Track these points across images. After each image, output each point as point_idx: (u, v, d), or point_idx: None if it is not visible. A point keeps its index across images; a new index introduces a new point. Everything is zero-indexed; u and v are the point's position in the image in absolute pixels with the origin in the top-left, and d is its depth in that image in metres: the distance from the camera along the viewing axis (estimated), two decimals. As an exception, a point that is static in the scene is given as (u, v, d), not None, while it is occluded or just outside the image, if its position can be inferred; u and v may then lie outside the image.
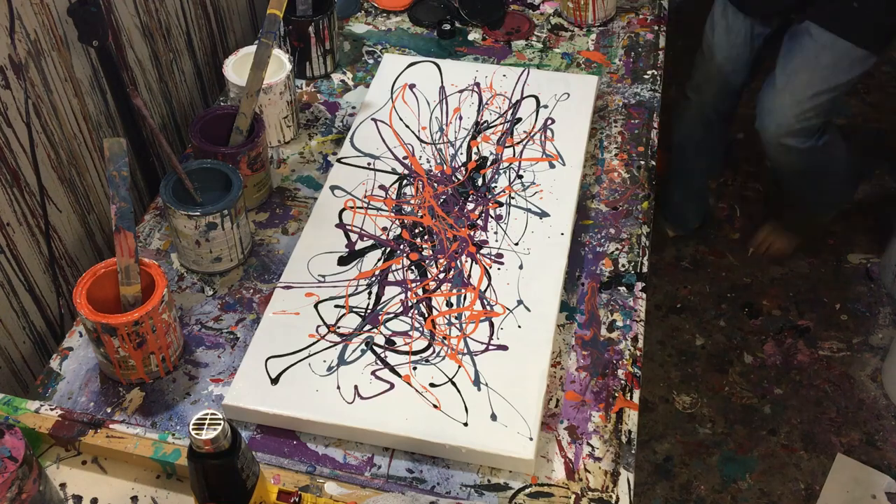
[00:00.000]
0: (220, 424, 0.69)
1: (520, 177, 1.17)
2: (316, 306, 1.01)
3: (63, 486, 0.86)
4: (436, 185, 1.16)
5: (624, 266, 1.09)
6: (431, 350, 0.97)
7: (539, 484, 0.88)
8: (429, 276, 1.05)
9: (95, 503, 0.85)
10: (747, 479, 1.74)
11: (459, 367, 0.95)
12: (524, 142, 1.22)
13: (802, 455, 1.78)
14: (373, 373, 0.94)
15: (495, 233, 1.09)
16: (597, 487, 0.88)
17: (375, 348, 0.97)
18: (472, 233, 1.10)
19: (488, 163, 1.19)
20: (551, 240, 1.08)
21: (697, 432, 1.82)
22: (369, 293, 1.02)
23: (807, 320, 2.02)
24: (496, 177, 1.17)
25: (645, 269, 1.09)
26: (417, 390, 0.93)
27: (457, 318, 1.00)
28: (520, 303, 1.01)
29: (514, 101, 1.28)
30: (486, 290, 1.03)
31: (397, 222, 1.11)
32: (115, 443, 0.84)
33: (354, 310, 1.01)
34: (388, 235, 1.09)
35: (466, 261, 1.06)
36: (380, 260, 1.06)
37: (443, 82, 1.31)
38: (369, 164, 1.18)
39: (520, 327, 0.99)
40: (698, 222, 2.19)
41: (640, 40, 1.45)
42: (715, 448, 1.79)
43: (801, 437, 1.81)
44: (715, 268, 2.13)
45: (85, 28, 1.04)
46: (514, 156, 1.20)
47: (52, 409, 0.87)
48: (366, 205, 1.13)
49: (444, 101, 1.28)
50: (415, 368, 0.95)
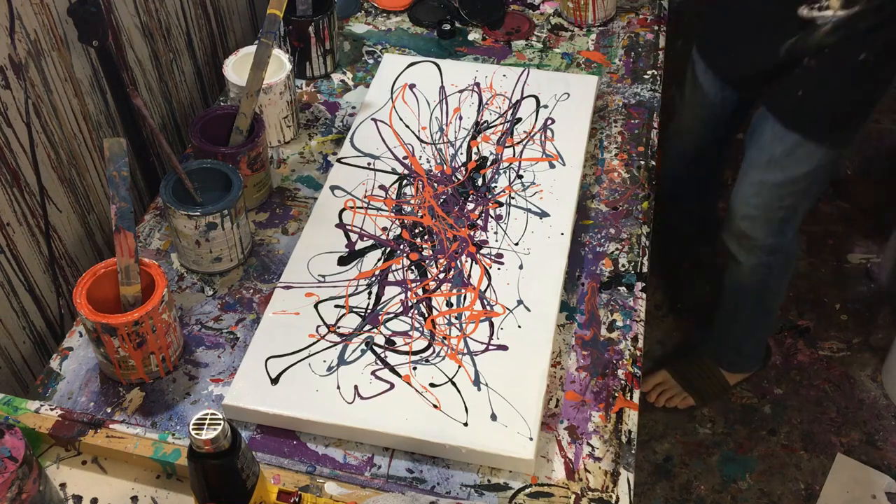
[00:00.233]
0: (220, 424, 0.69)
1: (520, 177, 1.17)
2: (316, 306, 1.01)
3: (63, 486, 0.86)
4: (436, 185, 1.16)
5: (624, 266, 1.09)
6: (431, 350, 0.97)
7: (539, 484, 0.88)
8: (429, 276, 1.05)
9: (95, 503, 0.85)
10: (747, 479, 1.74)
11: (459, 367, 0.95)
12: (524, 142, 1.22)
13: (802, 455, 1.78)
14: (373, 373, 0.94)
15: (495, 233, 1.09)
16: (597, 487, 0.88)
17: (375, 348, 0.97)
18: (472, 233, 1.10)
19: (488, 163, 1.19)
20: (551, 240, 1.08)
21: (697, 432, 1.82)
22: (369, 293, 1.02)
23: (807, 320, 2.02)
24: (496, 177, 1.17)
25: (645, 269, 1.09)
26: (417, 390, 0.93)
27: (457, 318, 1.00)
28: (520, 303, 1.01)
29: (514, 101, 1.28)
30: (486, 290, 1.03)
31: (397, 222, 1.11)
32: (115, 443, 0.84)
33: (354, 310, 1.01)
34: (388, 235, 1.09)
35: (466, 261, 1.06)
36: (380, 260, 1.06)
37: (443, 82, 1.31)
38: (369, 164, 1.18)
39: (520, 327, 0.99)
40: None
41: (640, 40, 1.45)
42: (715, 448, 1.79)
43: (801, 437, 1.81)
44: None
45: (85, 28, 1.04)
46: (514, 156, 1.20)
47: (52, 409, 0.87)
48: (366, 205, 1.13)
49: (444, 101, 1.28)
50: (415, 368, 0.95)
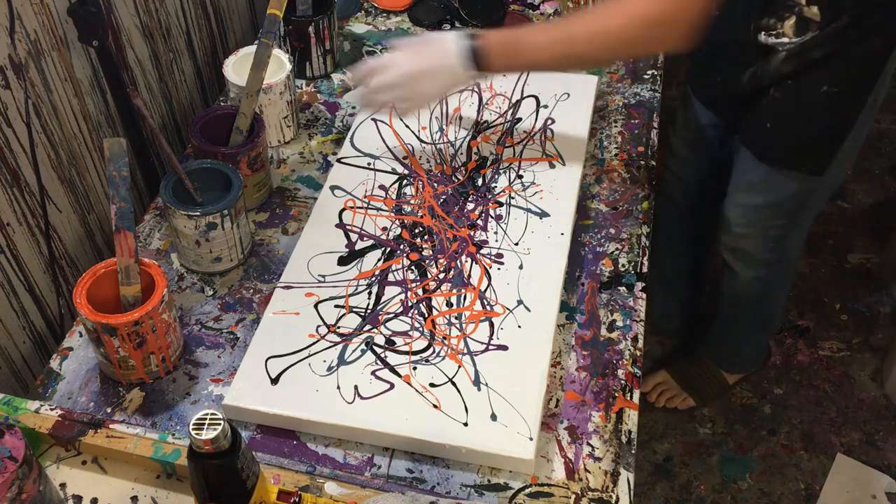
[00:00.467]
0: (220, 424, 0.68)
1: (520, 177, 1.17)
2: (316, 306, 1.01)
3: (63, 486, 0.86)
4: (436, 185, 1.16)
5: (624, 266, 1.09)
6: (431, 350, 0.97)
7: (539, 484, 0.88)
8: (429, 276, 1.05)
9: (95, 503, 0.85)
10: (747, 479, 1.74)
11: (459, 367, 0.95)
12: (524, 142, 1.22)
13: (802, 455, 1.78)
14: (373, 373, 0.94)
15: (495, 233, 1.09)
16: (597, 487, 0.88)
17: (375, 348, 0.97)
18: (472, 233, 1.10)
19: (488, 163, 1.19)
20: (551, 240, 1.08)
21: (697, 432, 1.82)
22: (369, 293, 1.02)
23: (807, 320, 2.02)
24: (496, 177, 1.17)
25: (645, 269, 1.09)
26: (417, 390, 0.93)
27: (457, 318, 1.00)
28: (520, 303, 1.01)
29: (514, 101, 1.28)
30: (486, 290, 1.03)
31: (397, 222, 1.11)
32: (115, 443, 0.84)
33: (354, 310, 1.01)
34: (388, 235, 1.09)
35: (466, 261, 1.06)
36: (380, 260, 1.06)
37: (443, 82, 1.31)
38: (369, 164, 1.18)
39: (520, 327, 0.99)
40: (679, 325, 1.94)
41: (640, 40, 1.45)
42: (715, 448, 1.79)
43: (801, 437, 1.81)
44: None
45: (85, 28, 1.04)
46: (514, 156, 1.20)
47: (52, 409, 0.87)
48: (366, 205, 1.13)
49: (444, 101, 1.28)
50: (415, 368, 0.95)
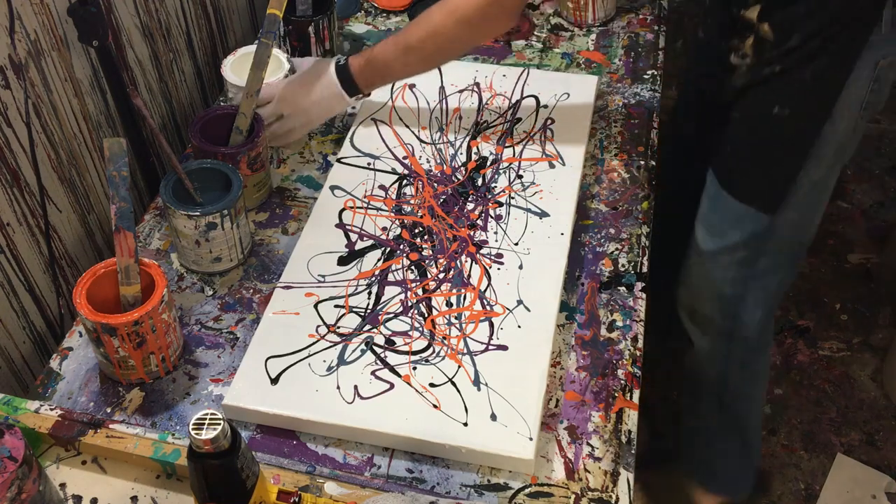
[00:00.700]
0: (220, 424, 0.69)
1: (520, 177, 1.17)
2: (316, 306, 1.01)
3: (63, 486, 0.86)
4: (436, 185, 1.16)
5: (624, 266, 1.09)
6: (431, 350, 0.97)
7: (539, 484, 0.88)
8: (429, 276, 1.05)
9: (95, 503, 0.85)
10: (747, 479, 1.74)
11: (459, 367, 0.95)
12: (524, 142, 1.22)
13: (802, 455, 1.78)
14: (373, 373, 0.94)
15: (495, 233, 1.09)
16: (597, 487, 0.88)
17: (375, 348, 0.97)
18: (471, 233, 1.10)
19: (488, 163, 1.19)
20: (551, 240, 1.08)
21: (697, 432, 1.82)
22: (369, 293, 1.02)
23: (807, 320, 2.02)
24: (496, 177, 1.17)
25: (645, 269, 1.09)
26: (417, 390, 0.93)
27: (457, 318, 1.00)
28: (520, 303, 1.01)
29: (513, 101, 1.28)
30: (485, 290, 1.03)
31: (397, 222, 1.11)
32: (115, 443, 0.84)
33: (354, 310, 1.01)
34: (388, 235, 1.09)
35: (466, 261, 1.06)
36: (380, 260, 1.06)
37: (443, 82, 1.31)
38: (369, 164, 1.18)
39: (520, 327, 0.99)
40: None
41: (640, 40, 1.45)
42: (715, 448, 1.79)
43: (801, 437, 1.81)
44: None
45: (85, 28, 1.04)
46: (513, 156, 1.20)
47: (52, 409, 0.87)
48: (366, 205, 1.13)
49: (444, 101, 1.28)
50: (415, 368, 0.95)
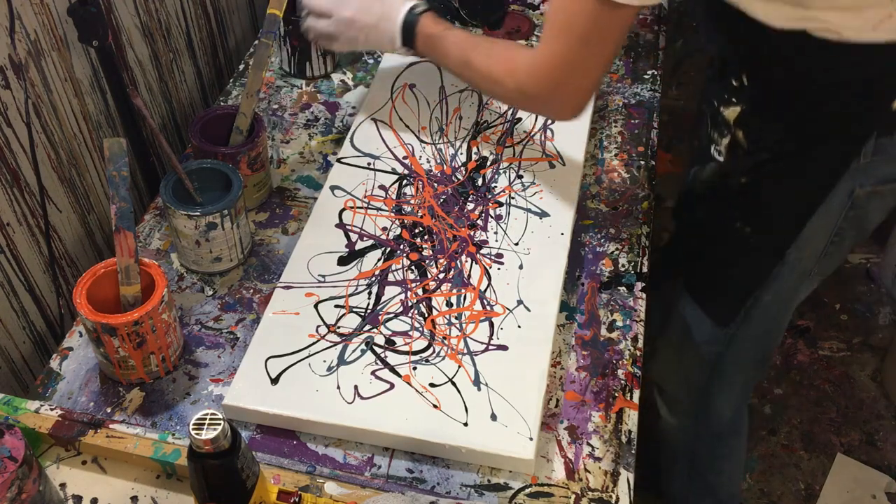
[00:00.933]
0: (220, 424, 0.69)
1: (520, 177, 1.17)
2: (316, 306, 1.01)
3: (63, 486, 0.86)
4: (436, 185, 1.16)
5: (624, 266, 1.09)
6: (431, 350, 0.97)
7: (539, 484, 0.88)
8: (429, 276, 1.05)
9: (95, 503, 0.85)
10: (747, 479, 1.74)
11: (459, 367, 0.95)
12: (524, 142, 1.22)
13: (802, 455, 1.78)
14: (373, 373, 0.94)
15: (495, 233, 1.09)
16: (597, 487, 0.88)
17: (375, 348, 0.97)
18: (472, 233, 1.10)
19: (488, 163, 1.19)
20: (551, 240, 1.08)
21: (697, 432, 1.82)
22: (369, 293, 1.02)
23: (807, 320, 2.02)
24: (496, 177, 1.17)
25: (645, 269, 1.09)
26: (417, 390, 0.93)
27: (457, 318, 1.00)
28: (520, 303, 1.01)
29: (514, 101, 1.28)
30: (486, 290, 1.03)
31: (397, 222, 1.11)
32: (115, 443, 0.84)
33: (354, 310, 1.01)
34: (388, 235, 1.09)
35: (466, 261, 1.06)
36: (380, 260, 1.06)
37: (443, 82, 1.31)
38: (369, 164, 1.18)
39: (520, 327, 0.99)
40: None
41: (640, 40, 1.45)
42: (715, 448, 1.79)
43: (801, 437, 1.81)
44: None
45: (85, 28, 1.04)
46: (514, 156, 1.20)
47: (52, 409, 0.87)
48: (366, 205, 1.13)
49: (444, 101, 1.28)
50: (415, 368, 0.95)
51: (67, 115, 1.06)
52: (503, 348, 0.97)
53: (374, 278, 1.04)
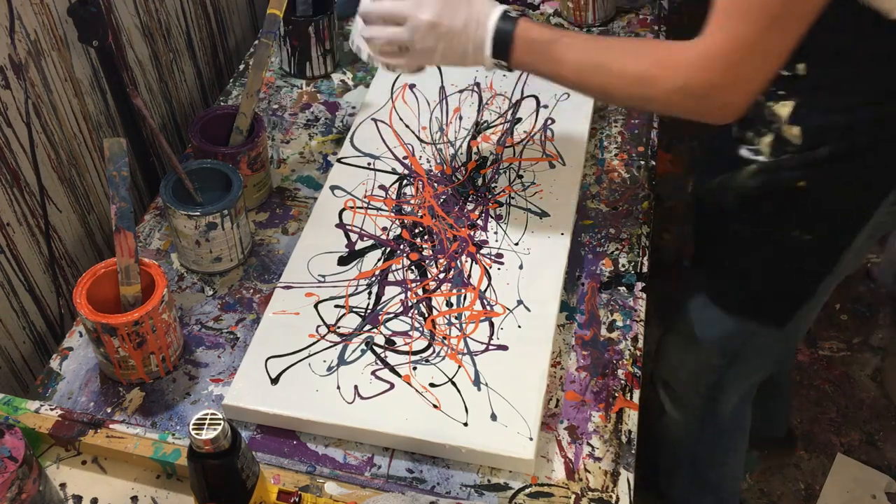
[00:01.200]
0: (220, 424, 0.68)
1: (520, 177, 1.17)
2: (316, 306, 1.01)
3: (63, 486, 0.86)
4: (436, 185, 1.16)
5: (624, 266, 1.09)
6: (431, 350, 0.97)
7: (539, 484, 0.88)
8: (429, 276, 1.05)
9: (95, 503, 0.85)
10: (747, 479, 1.74)
11: (459, 367, 0.95)
12: (524, 142, 1.22)
13: (802, 455, 1.78)
14: (373, 373, 0.94)
15: (495, 233, 1.09)
16: (597, 487, 0.88)
17: (375, 348, 0.97)
18: (472, 233, 1.10)
19: (488, 163, 1.19)
20: (551, 240, 1.08)
21: (697, 432, 1.82)
22: (369, 293, 1.02)
23: (807, 320, 2.02)
24: (496, 177, 1.17)
25: (645, 269, 1.09)
26: (417, 390, 0.93)
27: (457, 318, 1.00)
28: (520, 303, 1.01)
29: (514, 101, 1.28)
30: (486, 290, 1.03)
31: (397, 222, 1.11)
32: (115, 443, 0.84)
33: (354, 310, 1.01)
34: (388, 235, 1.09)
35: (466, 261, 1.06)
36: (380, 260, 1.06)
37: (443, 82, 1.31)
38: (369, 164, 1.18)
39: (520, 327, 0.99)
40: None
41: (640, 40, 1.45)
42: (715, 448, 1.79)
43: (801, 437, 1.81)
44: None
45: (85, 28, 1.04)
46: (514, 156, 1.20)
47: (52, 409, 0.87)
48: (366, 205, 1.13)
49: (444, 101, 1.28)
50: (415, 368, 0.95)
51: (67, 115, 1.06)
52: (503, 348, 0.97)
53: (374, 278, 1.04)
